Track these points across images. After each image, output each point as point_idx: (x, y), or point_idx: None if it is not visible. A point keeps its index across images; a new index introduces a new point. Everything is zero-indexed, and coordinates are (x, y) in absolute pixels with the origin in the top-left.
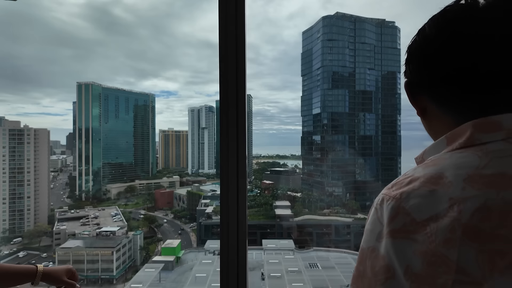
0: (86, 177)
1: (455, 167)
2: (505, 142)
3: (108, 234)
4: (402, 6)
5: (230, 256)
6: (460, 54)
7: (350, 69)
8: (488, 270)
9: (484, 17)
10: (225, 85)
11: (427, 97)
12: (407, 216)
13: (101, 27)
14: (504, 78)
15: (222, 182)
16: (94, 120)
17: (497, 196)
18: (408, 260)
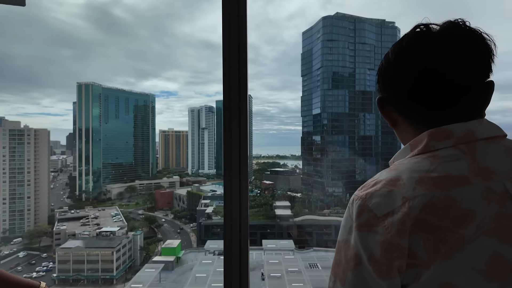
0: (86, 177)
1: (410, 171)
2: (454, 148)
3: (108, 234)
4: (402, 6)
5: (234, 256)
6: (413, 76)
7: (350, 69)
8: (433, 254)
9: (433, 44)
10: (228, 86)
11: (394, 111)
12: (370, 212)
13: (101, 28)
14: (450, 97)
15: (225, 183)
16: (94, 120)
17: (441, 194)
18: (371, 249)
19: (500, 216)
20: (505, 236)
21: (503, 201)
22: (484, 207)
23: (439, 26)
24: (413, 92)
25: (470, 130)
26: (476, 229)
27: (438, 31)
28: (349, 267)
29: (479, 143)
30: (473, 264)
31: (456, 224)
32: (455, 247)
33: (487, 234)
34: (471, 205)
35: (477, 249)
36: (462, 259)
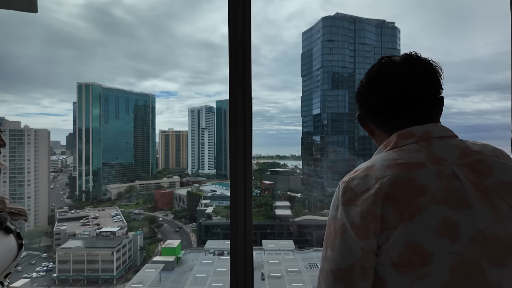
0: (86, 177)
1: (382, 160)
2: (415, 144)
3: (108, 235)
4: (401, 7)
5: (239, 256)
6: (381, 95)
7: (350, 69)
8: (399, 219)
9: (393, 71)
10: (234, 88)
11: (371, 122)
12: (352, 191)
13: (101, 28)
14: (410, 110)
15: (231, 184)
16: (94, 121)
17: (404, 174)
18: (353, 218)
19: (448, 190)
20: (452, 204)
21: (451, 179)
22: (436, 183)
23: (398, 57)
24: (383, 108)
25: (427, 130)
26: (430, 199)
27: (397, 61)
28: (337, 235)
29: (435, 140)
30: (429, 225)
31: (415, 195)
32: (415, 213)
33: (439, 203)
34: (427, 182)
35: (432, 214)
36: (421, 221)
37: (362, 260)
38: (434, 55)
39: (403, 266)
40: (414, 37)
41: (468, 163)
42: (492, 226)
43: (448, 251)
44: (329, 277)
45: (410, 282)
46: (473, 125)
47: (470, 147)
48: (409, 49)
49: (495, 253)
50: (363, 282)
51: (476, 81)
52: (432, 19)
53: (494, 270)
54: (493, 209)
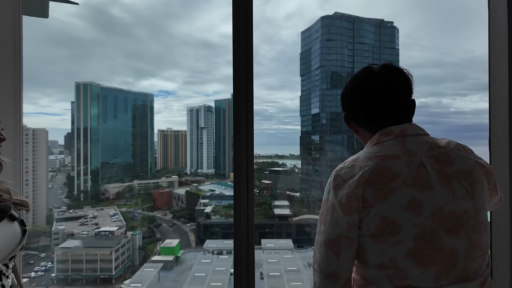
0: (84, 177)
1: (365, 153)
2: (393, 140)
3: (107, 234)
4: (400, 6)
5: (242, 255)
6: (362, 102)
7: (348, 69)
8: (376, 198)
9: (372, 82)
10: (238, 88)
11: (355, 123)
12: (340, 177)
13: (99, 27)
14: (389, 112)
15: (235, 186)
16: (92, 120)
17: (382, 164)
18: (340, 199)
19: (416, 176)
20: (418, 187)
21: (419, 167)
22: (407, 171)
23: (378, 67)
24: (364, 112)
25: (403, 129)
26: (401, 183)
27: (376, 71)
28: (327, 212)
29: (409, 137)
30: (399, 203)
31: (389, 180)
32: (388, 193)
33: (408, 186)
34: (399, 170)
35: (402, 194)
36: (392, 200)
37: (347, 231)
38: (432, 54)
39: (379, 236)
40: (412, 36)
41: (434, 155)
42: (449, 204)
43: (413, 223)
44: (322, 246)
45: (384, 249)
46: (471, 124)
47: (437, 143)
48: (408, 48)
49: (450, 225)
50: (348, 250)
51: (474, 80)
52: (430, 18)
53: (449, 238)
54: (451, 191)
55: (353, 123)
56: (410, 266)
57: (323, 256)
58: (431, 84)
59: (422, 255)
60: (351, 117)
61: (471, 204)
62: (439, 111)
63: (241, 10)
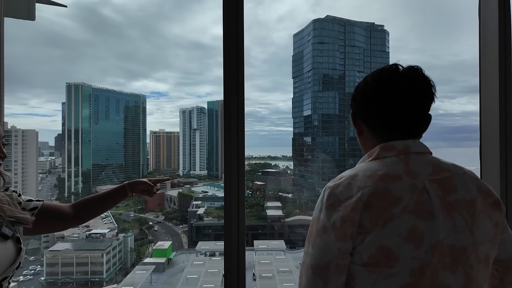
0: (75, 178)
1: (364, 170)
2: (395, 157)
3: (98, 237)
4: (390, 10)
5: (233, 257)
6: (382, 103)
7: (340, 71)
8: (374, 225)
9: (400, 84)
10: (228, 89)
11: (363, 123)
12: (335, 197)
13: (90, 28)
14: (404, 122)
15: (225, 187)
16: (84, 121)
17: (382, 186)
18: (334, 222)
19: (418, 202)
20: (420, 215)
21: (422, 193)
22: (409, 195)
23: (405, 69)
24: (380, 113)
25: (407, 146)
26: (402, 209)
27: (404, 73)
28: (318, 235)
29: (412, 155)
30: (399, 232)
31: (390, 205)
32: (387, 220)
33: (409, 213)
34: (401, 193)
35: (402, 222)
36: (392, 228)
37: (338, 259)
38: (422, 58)
39: (372, 266)
40: (402, 39)
41: (438, 179)
42: (449, 237)
43: (411, 256)
44: (309, 271)
45: (376, 280)
46: (459, 126)
47: (441, 165)
48: (398, 51)
49: (448, 260)
50: (337, 278)
51: (462, 83)
52: (420, 22)
53: (446, 275)
54: (452, 222)
55: (360, 122)
56: None
57: (310, 282)
58: None
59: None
60: (362, 115)
61: (470, 238)
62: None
63: (231, 11)
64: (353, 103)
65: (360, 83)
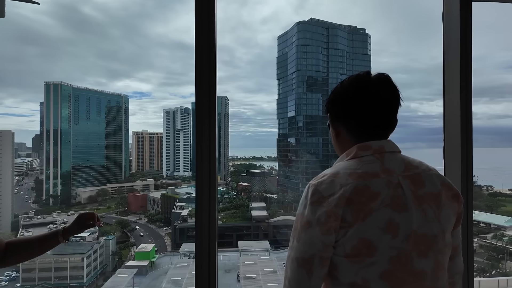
0: (54, 180)
1: (345, 168)
2: (372, 156)
3: (78, 240)
4: (371, 14)
5: (203, 257)
6: (362, 106)
7: (323, 74)
8: (355, 218)
9: (380, 92)
10: (200, 89)
11: (342, 125)
12: (320, 194)
13: (70, 26)
14: (379, 123)
15: (197, 187)
16: (63, 122)
17: (362, 183)
18: (319, 217)
19: (394, 197)
20: (396, 208)
21: (397, 188)
22: (386, 191)
23: (375, 75)
24: (359, 117)
25: (382, 145)
26: (380, 203)
27: (375, 79)
28: (303, 229)
29: (387, 154)
30: (377, 224)
31: (369, 200)
32: (367, 214)
33: (386, 207)
34: (379, 189)
35: (380, 215)
36: (371, 221)
37: (322, 251)
38: (402, 61)
39: (354, 256)
40: (383, 43)
41: (410, 175)
42: (422, 227)
43: (389, 246)
44: (294, 263)
45: (358, 269)
46: (437, 127)
47: (411, 162)
48: (379, 54)
49: (422, 247)
50: (321, 269)
51: (440, 86)
52: (400, 26)
53: (419, 260)
54: (423, 213)
55: (338, 124)
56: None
57: (295, 274)
58: (400, 89)
59: (395, 277)
60: (340, 116)
61: (439, 227)
62: (408, 115)
63: (203, 13)
64: (331, 106)
65: (337, 87)
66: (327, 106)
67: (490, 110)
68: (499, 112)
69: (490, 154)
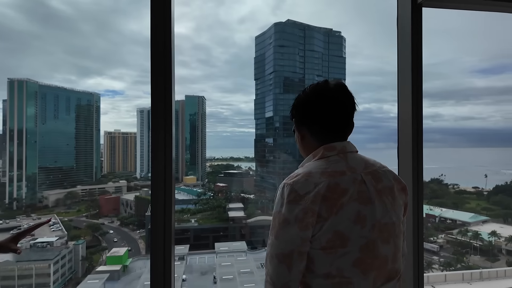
0: (18, 183)
1: (316, 168)
2: (336, 156)
3: (45, 246)
4: (346, 17)
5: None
6: (325, 111)
7: (300, 75)
8: (329, 213)
9: (339, 97)
10: (155, 92)
11: (306, 129)
12: (296, 192)
13: (37, 19)
14: (339, 126)
15: (152, 187)
16: (29, 121)
17: (333, 180)
18: (296, 214)
19: (360, 192)
20: (362, 201)
21: (361, 184)
22: (353, 187)
23: (334, 83)
24: (322, 121)
25: (344, 146)
26: (349, 198)
27: (336, 84)
28: (280, 227)
29: (348, 154)
30: (348, 217)
31: (340, 196)
32: (339, 208)
33: (354, 201)
34: (347, 185)
35: (350, 209)
36: (342, 214)
37: (300, 246)
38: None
39: (329, 248)
40: (357, 46)
41: (370, 172)
42: (384, 217)
43: (359, 235)
44: (274, 260)
45: (333, 260)
46: None
47: (368, 161)
48: (353, 57)
49: (385, 235)
50: (300, 263)
51: None
52: (373, 29)
53: (383, 246)
54: (384, 205)
55: (303, 128)
56: (355, 274)
57: (276, 270)
58: (374, 91)
59: (365, 263)
60: (304, 121)
61: (395, 216)
62: (381, 116)
63: (158, 11)
64: (295, 112)
65: (300, 95)
66: (292, 112)
67: (457, 112)
68: (465, 114)
69: (456, 154)
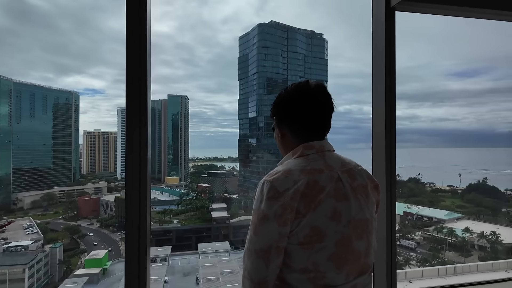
0: None
1: (295, 166)
2: (315, 154)
3: (19, 249)
4: (328, 19)
5: (133, 263)
6: (305, 111)
7: (283, 76)
8: (307, 209)
9: (318, 97)
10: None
11: (286, 128)
12: (275, 189)
13: (11, 15)
14: (318, 126)
15: (127, 188)
16: (2, 119)
17: (312, 178)
18: (275, 210)
19: (336, 189)
20: (338, 198)
21: (338, 181)
22: (331, 184)
23: (314, 84)
24: (302, 120)
25: (322, 145)
26: (326, 195)
27: (315, 87)
28: (260, 223)
29: (326, 152)
30: (325, 213)
31: (318, 192)
32: (317, 204)
33: (331, 198)
34: (325, 183)
35: (327, 205)
36: (320, 210)
37: (278, 242)
38: (356, 66)
39: (306, 244)
40: (339, 48)
41: (346, 170)
42: (358, 213)
43: (335, 231)
44: (252, 255)
45: (309, 255)
46: None
47: (344, 160)
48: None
49: (358, 231)
50: (277, 258)
51: None
52: (354, 32)
53: (357, 242)
54: (359, 202)
55: (284, 126)
56: (330, 268)
57: (254, 265)
58: (355, 92)
59: (339, 258)
60: (285, 120)
61: (369, 213)
62: (361, 117)
63: (134, 10)
64: (276, 110)
65: (281, 93)
66: (272, 110)
67: (433, 113)
68: (441, 116)
69: (433, 154)
